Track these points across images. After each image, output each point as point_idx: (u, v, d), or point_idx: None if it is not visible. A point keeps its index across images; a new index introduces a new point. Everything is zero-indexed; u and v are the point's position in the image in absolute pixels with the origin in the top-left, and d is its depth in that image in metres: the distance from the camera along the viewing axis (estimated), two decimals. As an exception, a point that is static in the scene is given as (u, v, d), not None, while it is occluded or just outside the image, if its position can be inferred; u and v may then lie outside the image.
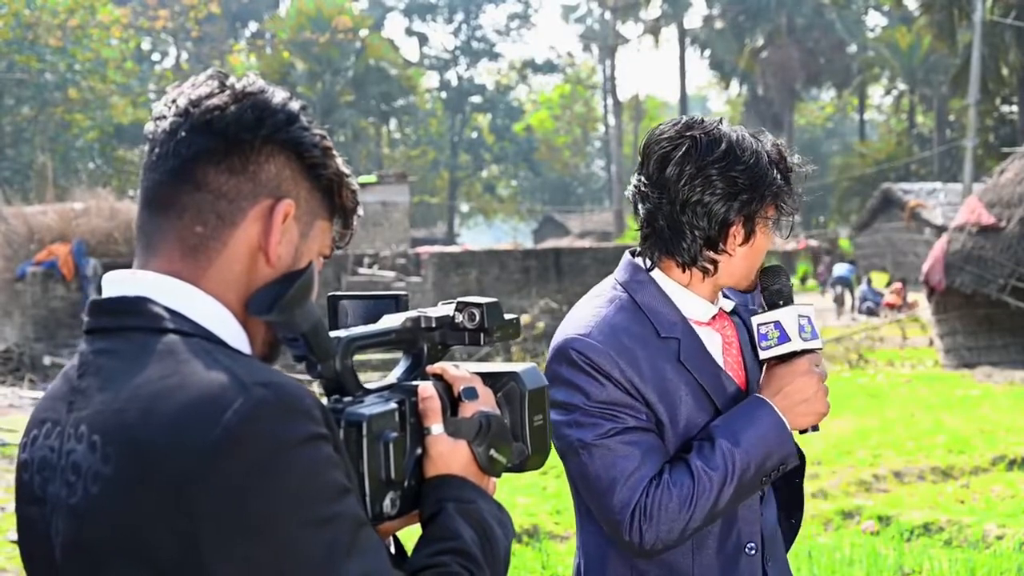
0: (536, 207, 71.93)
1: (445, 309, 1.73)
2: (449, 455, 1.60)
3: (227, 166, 1.48)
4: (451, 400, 1.65)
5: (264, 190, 1.50)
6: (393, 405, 1.56)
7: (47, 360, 19.31)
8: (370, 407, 1.53)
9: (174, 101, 1.52)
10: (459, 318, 1.71)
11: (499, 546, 1.61)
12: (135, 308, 1.47)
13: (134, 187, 49.52)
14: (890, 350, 20.29)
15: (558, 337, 2.45)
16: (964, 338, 18.31)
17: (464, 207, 73.52)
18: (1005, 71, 41.57)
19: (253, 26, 65.18)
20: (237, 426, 1.32)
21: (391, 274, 23.32)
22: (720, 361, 2.50)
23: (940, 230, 27.71)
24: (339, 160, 1.58)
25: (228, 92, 1.51)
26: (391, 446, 1.53)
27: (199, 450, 1.31)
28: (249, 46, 61.42)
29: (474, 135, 73.03)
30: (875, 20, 65.00)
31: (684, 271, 2.44)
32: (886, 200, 36.49)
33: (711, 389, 2.43)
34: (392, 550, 1.65)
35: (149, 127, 1.53)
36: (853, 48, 59.45)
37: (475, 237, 76.44)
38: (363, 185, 24.73)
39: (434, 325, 1.70)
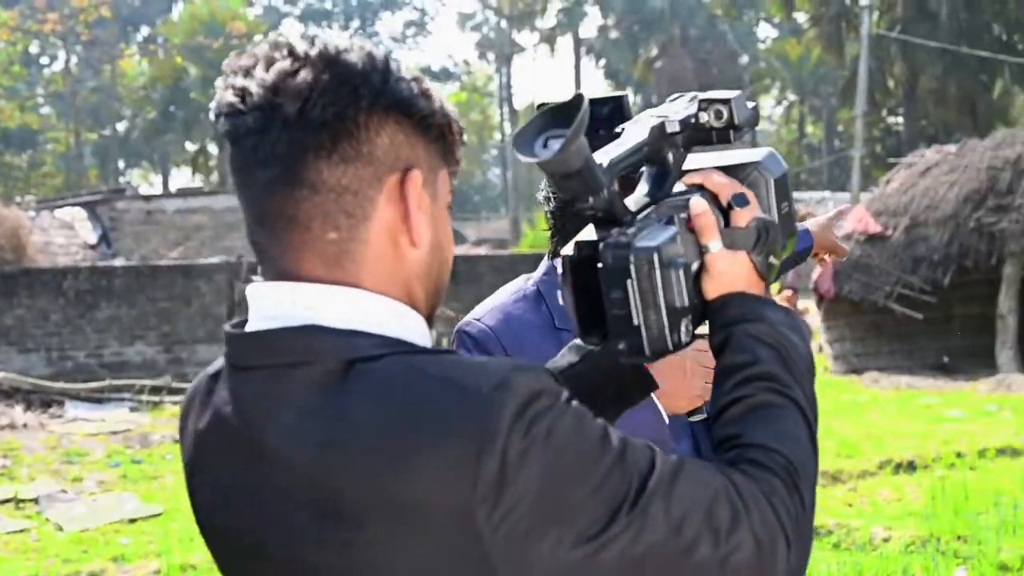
0: (432, 215, 71.75)
1: (687, 109, 1.58)
2: (730, 271, 1.50)
3: (339, 156, 1.31)
4: (719, 209, 1.53)
5: (385, 168, 1.34)
6: (674, 229, 1.45)
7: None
8: (655, 235, 1.42)
9: (244, 89, 1.33)
10: (704, 118, 1.57)
11: (800, 356, 1.48)
12: (305, 341, 1.31)
13: (21, 192, 48.58)
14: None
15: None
16: (852, 344, 18.66)
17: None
18: (891, 83, 42.43)
19: (145, 30, 64.15)
20: (496, 443, 1.21)
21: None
22: None
23: (829, 239, 28.12)
24: (439, 97, 1.42)
25: (308, 64, 1.32)
26: (681, 272, 1.43)
27: (470, 479, 1.20)
28: (141, 51, 60.46)
29: (370, 142, 72.68)
30: (766, 32, 65.87)
31: None
32: (777, 209, 36.99)
33: None
34: None
35: (223, 125, 1.35)
36: (745, 59, 60.22)
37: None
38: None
39: (678, 129, 1.55)
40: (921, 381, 16.69)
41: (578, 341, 1.54)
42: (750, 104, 1.58)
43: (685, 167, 1.59)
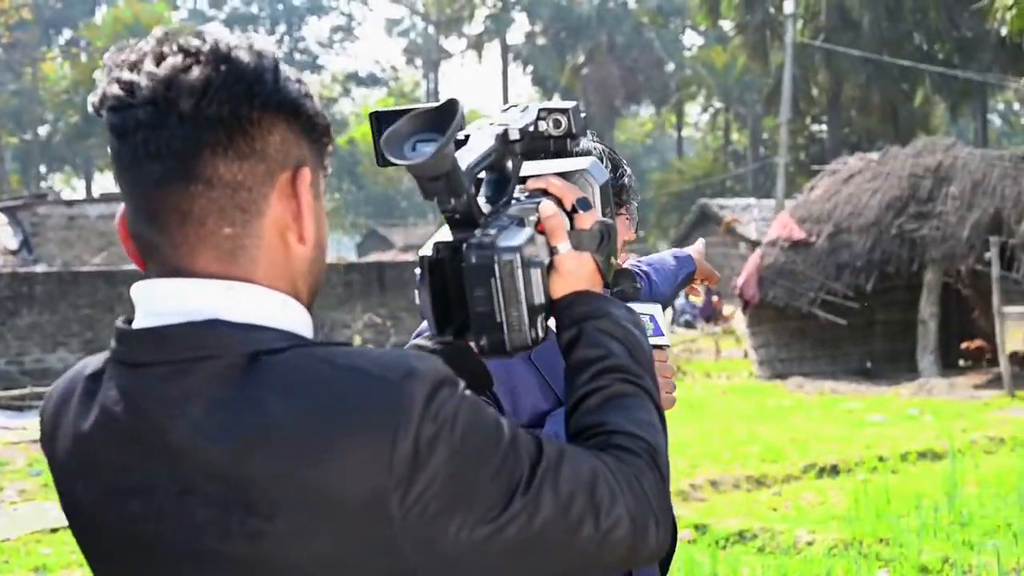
0: (359, 221, 71.47)
1: (527, 118, 1.65)
2: (578, 270, 1.57)
3: (235, 152, 1.31)
4: (564, 213, 1.60)
5: (276, 165, 1.35)
6: (531, 230, 1.52)
7: None
8: (515, 236, 1.49)
9: (132, 83, 1.31)
10: (543, 126, 1.65)
11: (644, 348, 1.57)
12: (207, 335, 1.31)
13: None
14: (707, 362, 20.73)
15: None
16: (777, 350, 18.82)
17: (286, 220, 72.59)
18: (815, 91, 42.93)
19: (68, 33, 63.41)
20: (409, 431, 1.24)
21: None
22: None
23: (754, 245, 28.43)
24: (318, 99, 1.44)
25: (200, 61, 1.31)
26: (540, 271, 1.50)
27: (385, 466, 1.24)
28: (63, 54, 59.72)
29: (297, 147, 72.25)
30: (692, 39, 66.38)
31: None
32: (703, 215, 37.29)
33: (553, 382, 2.46)
34: None
35: (110, 118, 1.33)
36: (671, 66, 60.61)
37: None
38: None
39: (519, 137, 1.62)
40: (844, 386, 16.88)
41: (422, 340, 1.57)
42: (583, 115, 1.67)
43: (521, 174, 1.65)
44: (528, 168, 1.67)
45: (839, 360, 18.96)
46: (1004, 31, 22.02)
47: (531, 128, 1.64)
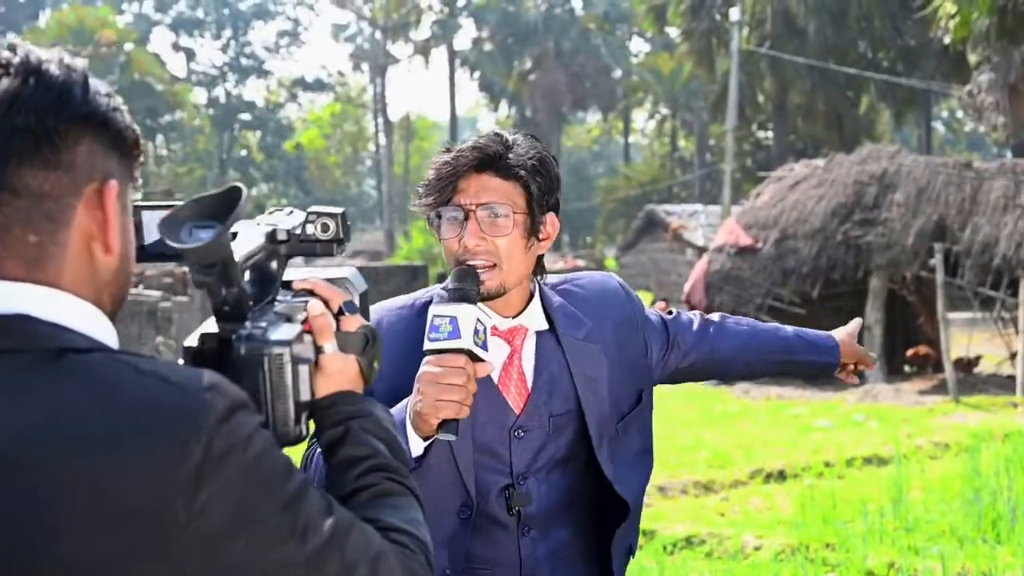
0: (306, 226, 71.19)
1: (294, 220, 1.67)
2: (343, 371, 1.59)
3: (41, 163, 1.33)
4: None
5: (84, 177, 1.37)
6: (299, 327, 1.52)
7: None
8: (285, 331, 1.49)
9: None
10: (311, 229, 1.67)
11: (404, 449, 1.63)
12: (17, 328, 1.33)
13: None
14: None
15: None
16: (724, 355, 18.88)
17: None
18: (761, 98, 43.23)
19: (11, 36, 62.79)
20: (200, 439, 1.26)
21: (157, 293, 22.73)
22: (496, 371, 2.54)
23: (701, 251, 28.55)
24: (126, 112, 1.45)
25: (10, 73, 1.34)
26: (308, 368, 1.51)
27: (170, 471, 1.24)
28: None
29: (243, 153, 71.96)
30: (639, 46, 66.70)
31: None
32: (650, 221, 37.42)
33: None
34: None
35: None
36: (618, 73, 60.86)
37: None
38: (127, 202, 24.10)
39: (286, 238, 1.64)
40: (791, 391, 16.97)
41: None
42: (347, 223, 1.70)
43: (286, 276, 1.66)
44: (292, 272, 1.68)
45: (785, 366, 19.04)
46: (947, 39, 22.28)
47: (298, 231, 1.66)
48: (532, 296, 2.61)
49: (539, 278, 2.65)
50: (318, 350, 1.57)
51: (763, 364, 3.00)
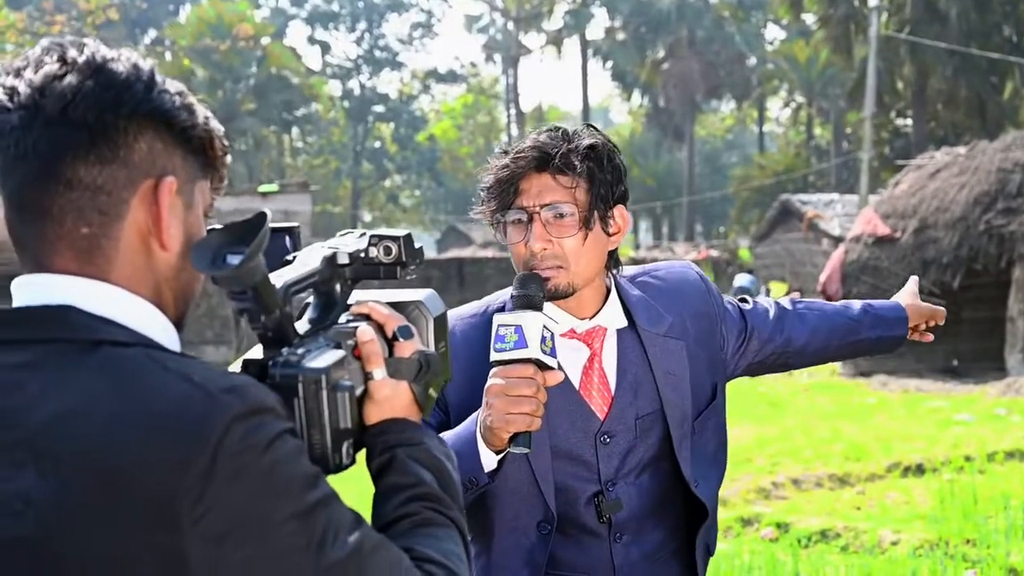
0: (439, 217, 71.76)
1: (357, 243, 1.67)
2: (393, 398, 1.58)
3: (96, 157, 1.37)
4: (384, 339, 1.61)
5: (140, 172, 1.40)
6: (343, 353, 1.52)
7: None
8: (324, 358, 1.49)
9: (13, 88, 1.38)
10: (373, 252, 1.66)
11: (455, 480, 1.59)
12: (60, 318, 1.37)
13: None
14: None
15: None
16: (860, 347, 18.59)
17: (367, 216, 73.10)
18: (900, 85, 42.39)
19: (152, 33, 64.30)
20: (213, 438, 1.27)
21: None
22: (576, 375, 2.50)
23: (837, 240, 28.14)
24: (202, 111, 1.49)
25: (74, 69, 1.38)
26: (347, 396, 1.49)
27: (179, 468, 1.26)
28: (148, 53, 60.59)
29: (377, 144, 72.71)
30: (774, 33, 65.90)
31: None
32: (785, 211, 36.97)
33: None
34: None
35: None
36: (753, 61, 60.23)
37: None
38: (264, 194, 24.51)
39: (348, 261, 1.63)
40: (929, 384, 16.64)
41: None
42: (417, 244, 1.69)
43: (352, 300, 1.66)
44: (361, 295, 1.68)
45: (924, 358, 18.66)
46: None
47: (361, 254, 1.65)
48: (608, 293, 2.55)
49: (614, 272, 2.59)
50: (367, 376, 1.57)
51: (836, 348, 2.89)
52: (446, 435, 2.34)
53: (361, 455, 1.60)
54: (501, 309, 2.47)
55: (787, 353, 2.81)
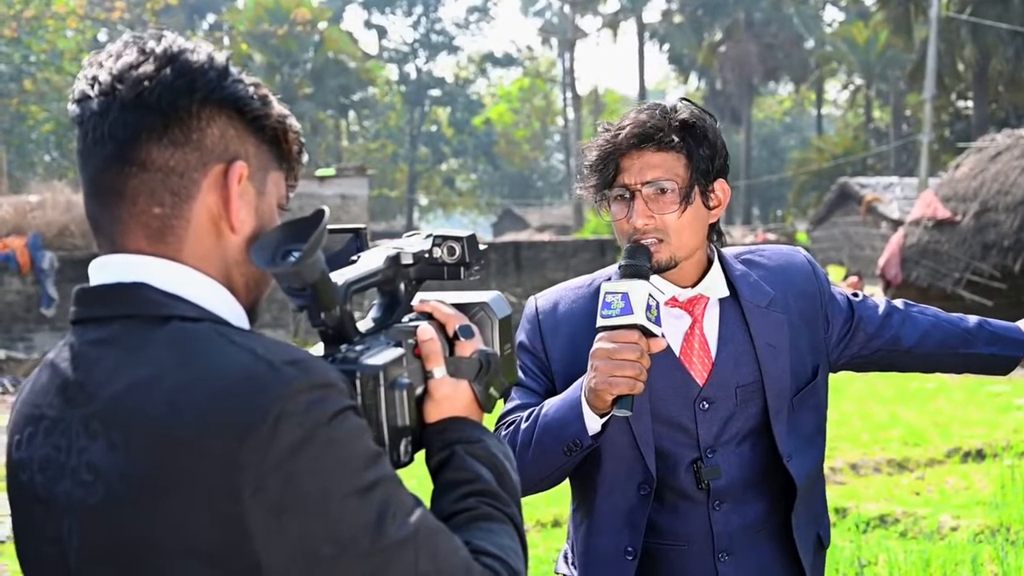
0: (495, 200, 71.89)
1: (422, 244, 1.69)
2: (453, 397, 1.59)
3: (169, 140, 1.43)
4: (446, 339, 1.63)
5: (212, 156, 1.45)
6: (401, 351, 1.54)
7: (1, 354, 19.13)
8: (382, 355, 1.50)
9: (95, 78, 1.45)
10: (437, 252, 1.69)
11: (513, 478, 1.61)
12: (133, 295, 1.43)
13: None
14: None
15: None
16: (920, 331, 18.44)
17: (423, 200, 73.34)
18: (961, 66, 41.89)
19: (211, 18, 64.65)
20: (275, 408, 1.31)
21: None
22: (677, 342, 2.54)
23: (896, 224, 27.90)
24: (278, 104, 1.54)
25: (151, 58, 1.45)
26: (405, 393, 1.51)
27: (240, 436, 1.30)
28: (207, 38, 60.97)
29: (433, 128, 72.86)
30: (832, 15, 65.36)
31: None
32: (843, 194, 36.69)
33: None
34: None
35: (74, 109, 1.47)
36: (810, 43, 59.72)
37: (434, 231, 76.38)
38: (322, 178, 24.61)
39: (412, 261, 1.66)
40: (990, 368, 16.46)
41: None
42: (482, 246, 1.71)
43: (416, 299, 1.68)
44: (427, 295, 1.69)
45: (985, 342, 18.47)
46: None
47: (425, 254, 1.67)
48: (711, 264, 2.59)
49: (716, 243, 2.63)
50: (427, 375, 1.59)
51: (944, 357, 2.81)
52: (551, 401, 2.44)
53: (420, 455, 1.61)
54: (588, 284, 2.63)
55: (895, 352, 2.77)
